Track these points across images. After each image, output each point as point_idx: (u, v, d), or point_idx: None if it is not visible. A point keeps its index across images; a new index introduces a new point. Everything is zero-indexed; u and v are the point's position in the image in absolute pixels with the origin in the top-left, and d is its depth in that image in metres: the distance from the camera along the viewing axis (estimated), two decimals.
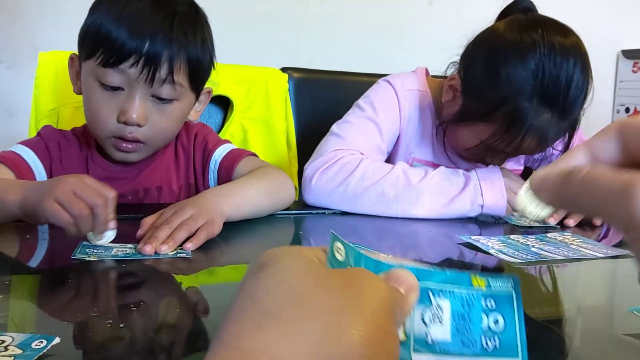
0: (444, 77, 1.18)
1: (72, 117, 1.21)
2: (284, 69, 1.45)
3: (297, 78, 1.47)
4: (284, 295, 0.26)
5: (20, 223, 0.77)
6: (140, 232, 0.73)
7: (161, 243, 0.70)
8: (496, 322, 0.32)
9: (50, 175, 0.97)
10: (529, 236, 0.86)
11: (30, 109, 1.19)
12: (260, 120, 1.38)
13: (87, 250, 0.69)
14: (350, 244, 0.31)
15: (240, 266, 0.73)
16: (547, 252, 0.77)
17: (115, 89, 0.89)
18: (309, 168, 1.06)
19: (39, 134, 1.01)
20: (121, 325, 0.48)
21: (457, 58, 1.13)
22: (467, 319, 0.32)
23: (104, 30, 0.87)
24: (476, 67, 1.04)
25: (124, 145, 0.92)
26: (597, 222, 0.99)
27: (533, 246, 0.80)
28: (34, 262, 0.71)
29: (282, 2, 1.97)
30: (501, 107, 0.98)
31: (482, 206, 0.98)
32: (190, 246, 0.72)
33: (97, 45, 0.88)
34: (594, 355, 0.44)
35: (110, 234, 0.71)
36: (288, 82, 1.43)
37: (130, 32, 0.86)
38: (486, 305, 0.32)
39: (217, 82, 1.22)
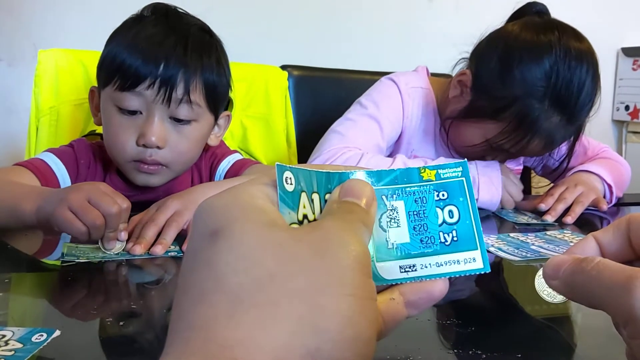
0: (444, 75, 1.18)
1: (71, 115, 1.20)
2: (283, 67, 1.45)
3: (297, 76, 1.47)
4: (252, 275, 0.24)
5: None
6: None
7: (154, 244, 0.69)
8: (451, 214, 0.31)
9: None
10: (529, 234, 0.86)
11: (30, 106, 1.19)
12: (260, 118, 1.38)
13: (72, 251, 0.68)
14: (298, 166, 0.29)
15: None
16: (547, 249, 0.77)
17: (133, 112, 0.89)
18: (309, 162, 1.07)
19: (71, 145, 0.99)
20: (121, 323, 0.48)
21: (459, 55, 1.13)
22: (422, 215, 0.31)
23: (119, 58, 0.89)
24: (489, 64, 1.04)
25: (146, 167, 0.91)
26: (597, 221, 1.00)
27: (533, 244, 0.80)
28: (32, 261, 0.71)
29: (283, 1, 1.97)
30: (512, 106, 0.99)
31: (477, 200, 0.98)
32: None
33: (113, 72, 0.89)
34: (593, 353, 0.44)
35: (119, 245, 0.69)
36: (288, 79, 1.43)
37: (145, 56, 0.88)
38: (439, 197, 0.32)
39: None
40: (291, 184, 0.29)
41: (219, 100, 0.98)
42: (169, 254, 0.69)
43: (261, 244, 0.25)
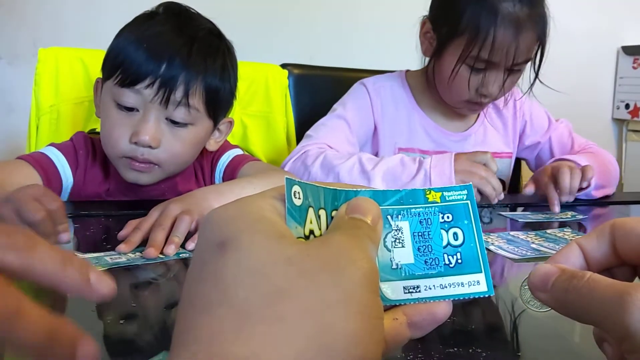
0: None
1: (72, 114, 1.21)
2: (284, 65, 1.45)
3: (297, 74, 1.47)
4: (260, 290, 0.24)
5: None
6: (122, 233, 0.70)
7: (166, 244, 0.67)
8: (455, 236, 0.31)
9: (74, 180, 0.97)
10: (529, 232, 0.87)
11: (30, 105, 1.19)
12: (260, 116, 1.38)
13: (85, 259, 0.65)
14: (306, 182, 0.29)
15: None
16: (547, 248, 0.77)
17: (131, 109, 0.89)
18: (282, 164, 1.12)
19: (71, 139, 1.00)
20: (121, 322, 0.48)
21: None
22: (427, 237, 0.31)
23: (124, 52, 0.89)
24: (437, 0, 1.17)
25: (137, 164, 0.91)
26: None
27: (533, 242, 0.80)
28: None
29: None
30: (464, 13, 1.07)
31: None
32: (193, 246, 0.68)
33: (116, 66, 0.89)
34: (594, 353, 0.44)
35: (64, 237, 0.65)
36: (288, 78, 1.43)
37: (149, 54, 0.87)
38: (444, 219, 0.32)
39: None
40: (299, 198, 0.29)
41: (219, 106, 0.97)
42: (181, 255, 0.67)
43: (270, 258, 0.25)
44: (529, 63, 1.13)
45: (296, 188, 0.29)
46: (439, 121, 1.26)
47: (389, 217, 0.31)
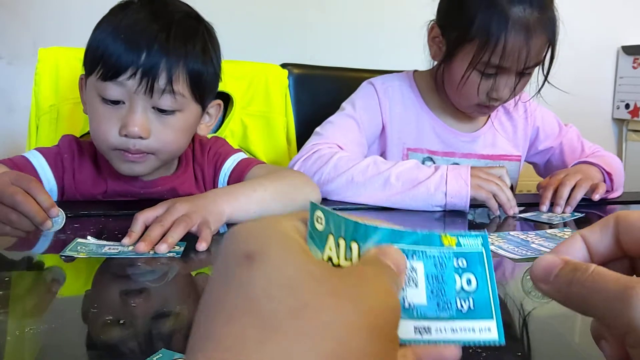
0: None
1: (72, 113, 1.21)
2: (284, 65, 1.45)
3: (297, 74, 1.47)
4: (286, 303, 0.24)
5: None
6: (133, 228, 0.71)
7: (158, 242, 0.68)
8: (469, 282, 0.32)
9: (62, 185, 0.97)
10: (529, 232, 0.87)
11: (30, 105, 1.20)
12: (260, 116, 1.38)
13: (78, 247, 0.68)
14: (329, 209, 0.30)
15: None
16: (547, 248, 0.77)
17: (116, 102, 0.89)
18: (290, 162, 1.11)
19: (57, 144, 1.00)
20: (122, 322, 0.48)
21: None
22: (440, 280, 0.31)
23: (103, 46, 0.88)
24: (447, 4, 1.15)
25: (130, 155, 0.90)
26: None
27: (533, 242, 0.80)
28: (32, 259, 0.71)
29: None
30: (475, 18, 1.06)
31: (446, 194, 0.99)
32: (204, 246, 0.70)
33: (96, 60, 0.88)
34: (594, 353, 0.44)
35: (59, 220, 0.71)
36: (288, 78, 1.43)
37: (127, 45, 0.86)
38: (458, 264, 0.32)
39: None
40: (321, 223, 0.29)
41: (205, 90, 0.96)
42: (169, 254, 0.68)
43: (298, 274, 0.25)
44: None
45: (319, 213, 0.29)
46: (448, 122, 1.25)
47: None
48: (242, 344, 0.23)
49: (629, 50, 2.47)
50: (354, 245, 0.30)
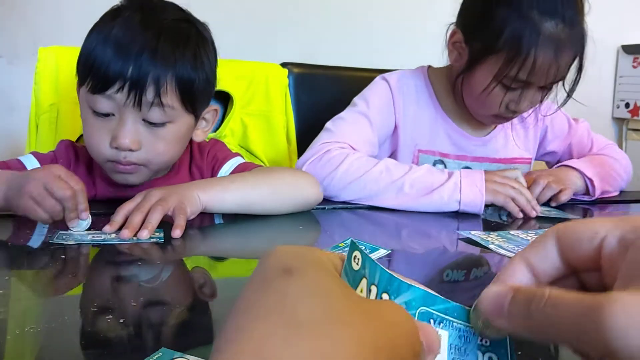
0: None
1: (72, 112, 1.21)
2: (284, 64, 1.45)
3: (297, 73, 1.47)
4: (318, 310, 0.25)
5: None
6: (114, 217, 0.76)
7: (140, 228, 0.73)
8: None
9: None
10: (529, 232, 0.87)
11: (30, 104, 1.19)
12: (260, 116, 1.38)
13: (64, 236, 0.72)
14: (367, 253, 0.30)
15: (231, 258, 0.73)
16: None
17: (107, 115, 0.88)
18: (298, 162, 1.09)
19: (55, 148, 1.01)
20: (121, 320, 0.48)
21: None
22: (463, 352, 0.32)
23: (92, 56, 0.87)
24: (472, 11, 1.10)
25: (122, 167, 0.90)
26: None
27: None
28: (31, 258, 0.71)
29: None
30: (504, 30, 1.02)
31: (460, 202, 0.98)
32: (178, 233, 0.73)
33: (86, 71, 0.88)
34: None
35: (84, 223, 0.75)
36: (288, 77, 1.43)
37: (115, 56, 0.85)
38: (482, 342, 0.32)
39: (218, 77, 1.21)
40: (358, 264, 0.30)
41: (196, 99, 0.93)
42: (152, 239, 0.72)
43: (333, 290, 0.26)
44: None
45: (357, 254, 0.30)
46: (460, 125, 1.23)
47: (432, 320, 0.31)
48: (270, 339, 0.23)
49: (629, 49, 2.47)
50: (385, 296, 0.30)
